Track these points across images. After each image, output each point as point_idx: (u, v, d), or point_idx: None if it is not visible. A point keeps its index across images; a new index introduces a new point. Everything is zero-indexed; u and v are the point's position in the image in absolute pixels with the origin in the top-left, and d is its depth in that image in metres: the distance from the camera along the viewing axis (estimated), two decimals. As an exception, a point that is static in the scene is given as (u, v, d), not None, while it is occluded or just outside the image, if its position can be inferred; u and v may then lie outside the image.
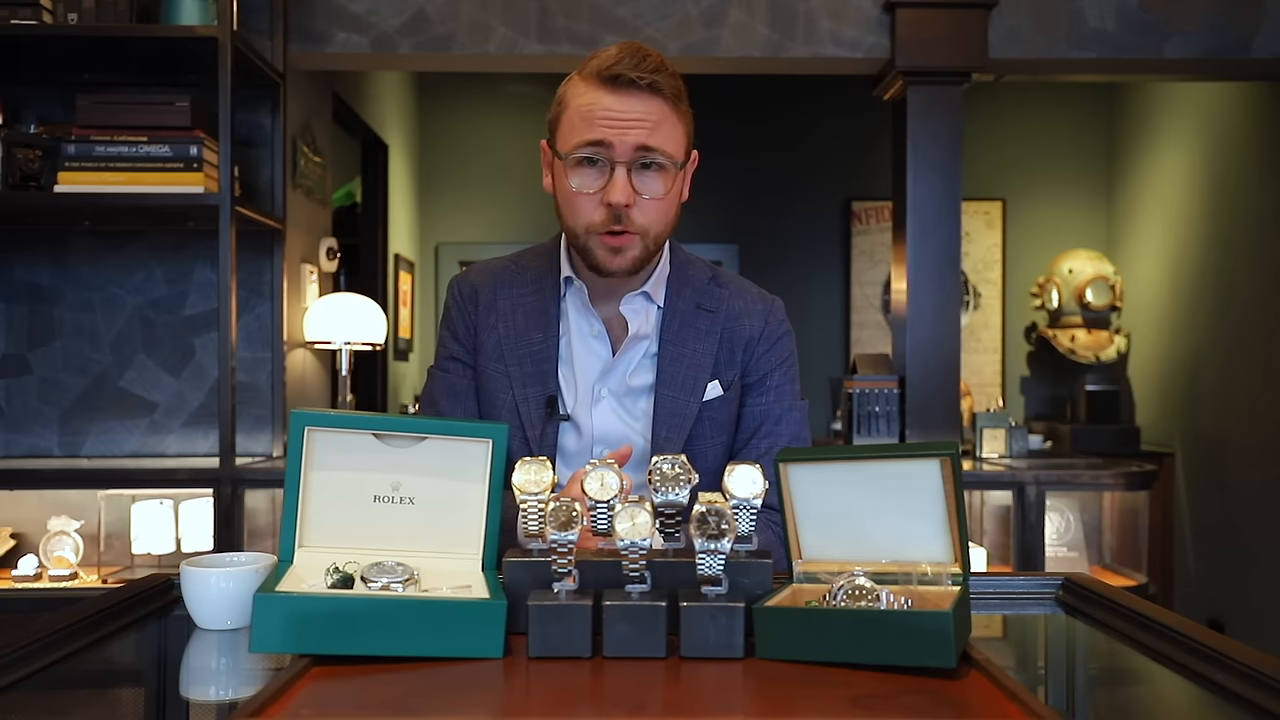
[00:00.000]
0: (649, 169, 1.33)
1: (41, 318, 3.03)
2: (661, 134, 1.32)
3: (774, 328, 1.49)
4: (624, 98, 1.31)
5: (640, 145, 1.31)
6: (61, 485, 2.83)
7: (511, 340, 1.45)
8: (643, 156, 1.32)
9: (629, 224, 1.34)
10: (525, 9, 3.11)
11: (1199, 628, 1.01)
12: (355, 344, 3.19)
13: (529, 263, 1.51)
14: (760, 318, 1.49)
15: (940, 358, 3.13)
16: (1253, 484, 3.90)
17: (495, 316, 1.46)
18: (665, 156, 1.33)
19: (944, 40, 3.10)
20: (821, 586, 1.02)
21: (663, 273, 1.47)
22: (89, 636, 1.05)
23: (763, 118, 5.25)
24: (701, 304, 1.48)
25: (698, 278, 1.50)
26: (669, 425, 1.42)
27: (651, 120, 1.31)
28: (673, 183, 1.36)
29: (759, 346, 1.48)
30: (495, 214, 5.35)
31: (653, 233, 1.36)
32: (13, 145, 2.67)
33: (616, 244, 1.35)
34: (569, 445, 1.45)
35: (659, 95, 1.32)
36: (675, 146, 1.35)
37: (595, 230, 1.35)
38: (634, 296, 1.45)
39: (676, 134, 1.35)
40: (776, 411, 1.48)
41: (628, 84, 1.30)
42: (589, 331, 1.46)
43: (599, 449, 1.44)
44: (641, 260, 1.38)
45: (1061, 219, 5.23)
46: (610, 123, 1.31)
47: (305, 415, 1.05)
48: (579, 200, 1.35)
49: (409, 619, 0.94)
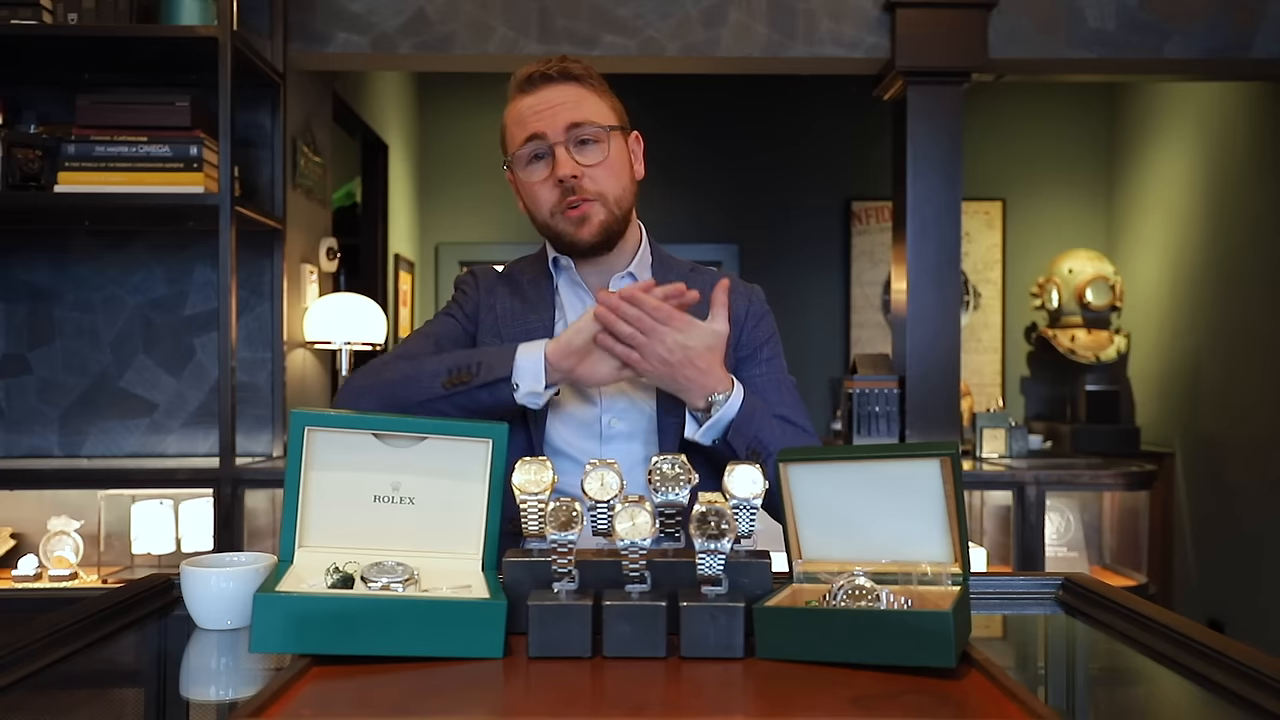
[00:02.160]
0: (585, 144, 1.44)
1: (41, 318, 3.03)
2: (585, 108, 1.44)
3: (757, 307, 1.57)
4: (541, 92, 1.45)
5: (569, 123, 1.43)
6: (61, 485, 2.83)
7: (509, 319, 1.52)
8: (575, 132, 1.43)
9: (583, 193, 1.44)
10: (525, 9, 3.11)
11: (1199, 628, 1.01)
12: (355, 344, 3.20)
13: (523, 267, 1.60)
14: (744, 298, 1.57)
15: (940, 358, 3.13)
16: (1253, 484, 3.90)
17: (494, 299, 1.55)
18: (594, 125, 1.44)
19: (944, 40, 3.10)
20: (821, 586, 1.02)
21: (644, 257, 1.55)
22: (89, 636, 1.05)
23: (763, 118, 5.25)
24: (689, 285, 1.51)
25: (679, 265, 1.60)
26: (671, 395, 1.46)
27: (572, 100, 1.44)
28: (610, 148, 1.45)
29: (746, 323, 1.55)
30: (495, 214, 5.35)
31: (611, 196, 1.45)
32: (13, 145, 2.67)
33: (579, 214, 1.44)
34: (574, 412, 1.47)
35: (571, 80, 1.45)
36: (601, 116, 1.46)
37: (557, 210, 1.45)
38: (621, 278, 1.52)
39: (600, 107, 1.47)
40: (774, 380, 1.54)
41: (541, 79, 1.45)
42: (583, 309, 1.50)
43: (607, 418, 1.47)
44: (608, 224, 1.46)
45: (1061, 219, 5.23)
46: (537, 115, 1.44)
47: (305, 415, 1.05)
48: (536, 190, 1.46)
49: (409, 619, 0.94)
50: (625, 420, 1.47)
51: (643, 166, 1.54)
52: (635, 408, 1.47)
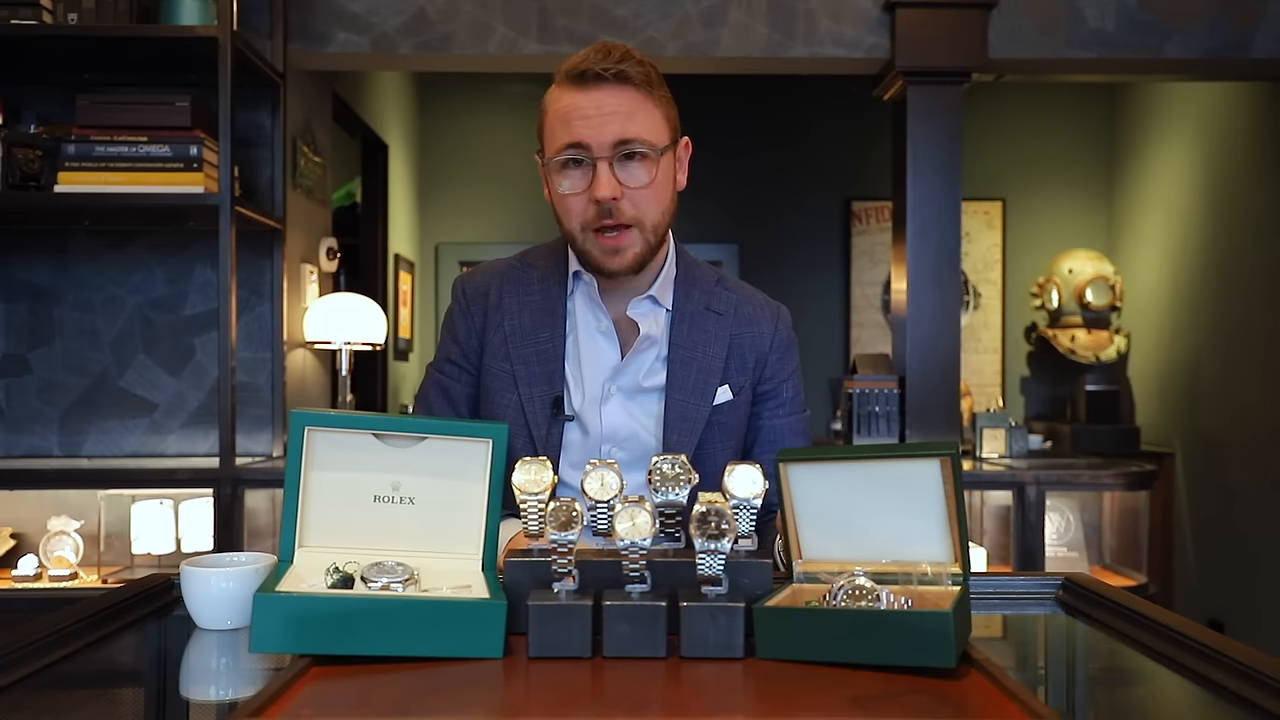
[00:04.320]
0: (631, 159, 1.33)
1: (41, 318, 3.03)
2: (638, 123, 1.32)
3: (783, 336, 1.51)
4: (594, 93, 1.31)
5: (618, 139, 1.31)
6: (61, 485, 2.83)
7: (518, 339, 1.44)
8: (623, 148, 1.32)
9: (620, 216, 1.33)
10: (525, 9, 3.11)
11: (1199, 628, 1.01)
12: (355, 344, 3.19)
13: (535, 261, 1.51)
14: (770, 325, 1.50)
15: (940, 358, 3.13)
16: (1253, 484, 3.90)
17: (501, 315, 1.46)
18: (645, 144, 1.33)
19: (944, 40, 3.10)
20: (821, 586, 1.02)
21: (669, 275, 1.47)
22: (89, 636, 1.05)
23: (763, 118, 5.25)
24: (710, 306, 1.48)
25: (704, 280, 1.50)
26: (679, 429, 1.42)
27: (625, 111, 1.32)
28: (657, 169, 1.35)
29: (771, 356, 1.49)
30: (495, 214, 5.35)
31: (649, 222, 1.36)
32: (13, 145, 2.67)
33: (613, 244, 1.35)
34: (574, 443, 1.44)
35: (628, 84, 1.32)
36: (654, 133, 1.34)
37: (589, 227, 1.35)
38: (640, 300, 1.44)
39: (654, 120, 1.35)
40: (792, 426, 1.50)
41: (595, 78, 1.31)
42: (596, 328, 1.45)
43: (607, 447, 1.43)
44: (643, 256, 1.37)
45: (1061, 219, 5.23)
46: (585, 121, 1.31)
47: (305, 415, 1.05)
48: (569, 201, 1.35)
49: (409, 619, 0.94)
50: (626, 449, 1.44)
51: (685, 176, 1.44)
52: (636, 437, 1.44)
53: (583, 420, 1.43)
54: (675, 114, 1.40)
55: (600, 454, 1.43)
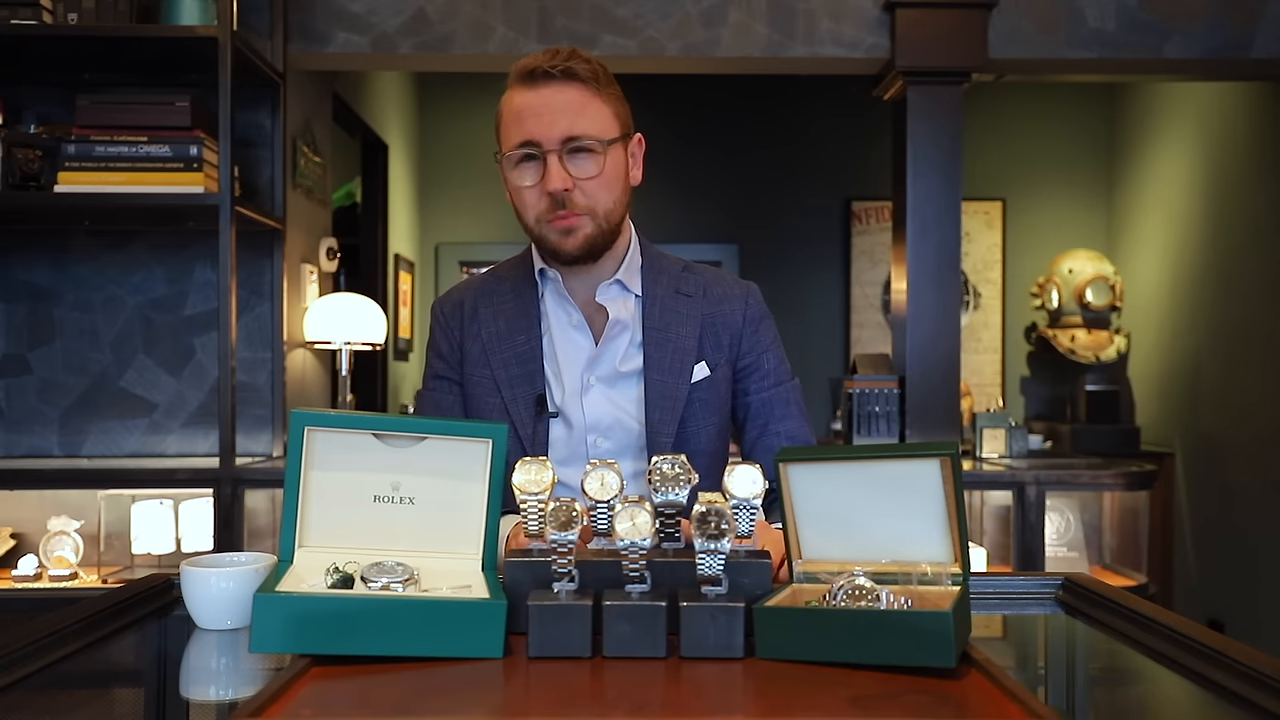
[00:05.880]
0: (580, 153, 1.38)
1: (41, 318, 3.03)
2: (585, 118, 1.38)
3: (754, 310, 1.54)
4: (543, 91, 1.38)
5: (566, 134, 1.37)
6: (61, 485, 2.83)
7: (495, 344, 1.49)
8: (571, 143, 1.37)
9: (573, 207, 1.39)
10: (525, 9, 3.11)
11: (1199, 628, 1.01)
12: (355, 344, 3.19)
13: (505, 273, 1.56)
14: (740, 301, 1.53)
15: (940, 358, 3.13)
16: (1253, 484, 3.90)
17: (478, 325, 1.51)
18: (591, 139, 1.38)
19: (944, 40, 3.10)
20: (821, 586, 1.02)
21: (634, 262, 1.51)
22: (89, 636, 1.05)
23: (763, 118, 5.24)
24: (680, 289, 1.52)
25: (671, 267, 1.55)
26: (661, 409, 1.46)
27: (573, 107, 1.38)
28: (606, 161, 1.40)
29: (745, 331, 1.52)
30: (495, 214, 5.34)
31: (600, 210, 1.41)
32: (13, 145, 2.67)
33: (565, 225, 1.40)
34: (559, 437, 1.47)
35: (575, 81, 1.38)
36: (601, 128, 1.40)
37: (544, 218, 1.41)
38: (609, 285, 1.49)
39: (602, 115, 1.40)
40: (781, 396, 1.53)
41: (544, 76, 1.38)
42: (569, 322, 1.49)
43: (592, 438, 1.46)
44: (594, 238, 1.42)
45: (1061, 219, 5.23)
46: (536, 119, 1.37)
47: (305, 415, 1.05)
48: (525, 195, 1.41)
49: (409, 619, 0.94)
50: (611, 438, 1.46)
51: (640, 171, 1.49)
52: (619, 424, 1.46)
53: (566, 415, 1.46)
54: (626, 111, 1.46)
55: (586, 446, 1.46)
